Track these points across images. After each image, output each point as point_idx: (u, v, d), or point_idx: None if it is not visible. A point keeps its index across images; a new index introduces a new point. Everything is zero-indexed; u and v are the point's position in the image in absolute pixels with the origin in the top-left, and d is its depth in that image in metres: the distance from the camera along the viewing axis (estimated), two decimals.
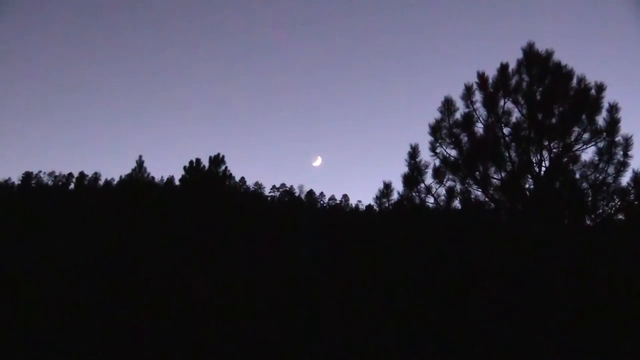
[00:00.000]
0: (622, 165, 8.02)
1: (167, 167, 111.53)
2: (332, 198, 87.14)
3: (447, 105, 9.19)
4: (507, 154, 8.56)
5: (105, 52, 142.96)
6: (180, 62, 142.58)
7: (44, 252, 15.18)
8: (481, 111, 8.96)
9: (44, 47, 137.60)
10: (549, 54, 8.69)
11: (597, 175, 8.10)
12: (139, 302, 12.95)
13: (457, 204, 8.76)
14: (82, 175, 72.13)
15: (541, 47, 8.74)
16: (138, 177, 17.42)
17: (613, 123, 8.21)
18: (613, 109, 8.25)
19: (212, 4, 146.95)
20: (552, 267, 7.68)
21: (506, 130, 8.71)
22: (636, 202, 7.85)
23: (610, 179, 8.05)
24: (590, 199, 8.09)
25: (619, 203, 7.96)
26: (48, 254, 14.93)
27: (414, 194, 9.06)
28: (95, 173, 70.17)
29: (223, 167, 17.72)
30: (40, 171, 75.25)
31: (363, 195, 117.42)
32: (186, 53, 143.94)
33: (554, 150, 8.41)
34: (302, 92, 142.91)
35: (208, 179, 17.29)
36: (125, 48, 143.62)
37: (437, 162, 9.10)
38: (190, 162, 17.78)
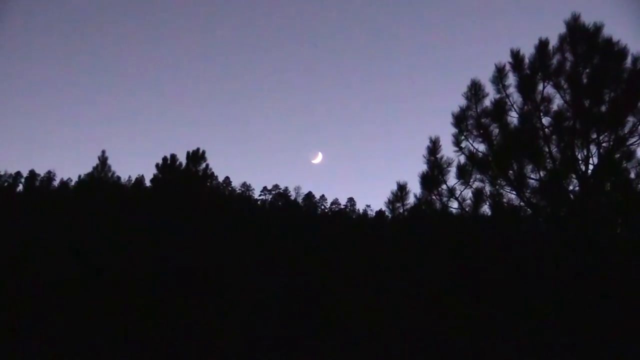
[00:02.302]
0: None
1: (136, 165, 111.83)
2: (336, 202, 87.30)
3: (475, 90, 9.21)
4: (546, 149, 8.57)
5: (61, 36, 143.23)
6: (154, 47, 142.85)
7: None
8: (515, 97, 9.00)
9: None
10: (598, 28, 8.70)
11: None
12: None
13: (486, 209, 8.78)
14: (32, 174, 72.18)
15: (588, 19, 8.77)
16: (101, 176, 17.45)
17: None
18: None
19: None
20: (603, 284, 7.69)
21: (546, 120, 8.74)
22: None
23: None
24: None
25: None
26: None
27: (434, 197, 9.07)
28: (49, 172, 70.21)
29: (204, 165, 17.78)
30: None
31: (373, 199, 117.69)
32: (159, 37, 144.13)
33: (604, 144, 8.42)
34: (299, 79, 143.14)
35: (185, 178, 17.31)
36: (84, 30, 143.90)
37: (462, 159, 9.13)
38: (164, 159, 17.82)
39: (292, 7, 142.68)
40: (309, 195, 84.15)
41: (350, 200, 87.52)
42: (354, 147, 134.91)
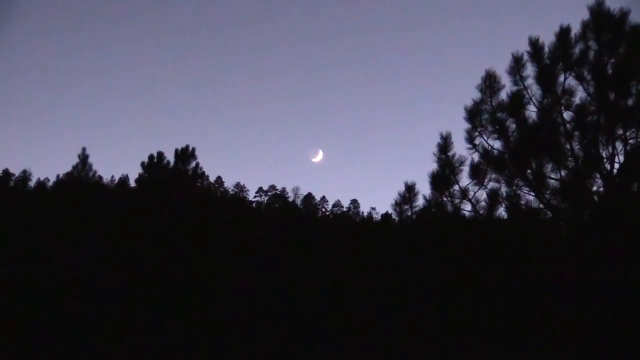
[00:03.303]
0: None
1: (119, 164, 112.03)
2: (338, 204, 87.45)
3: (490, 82, 9.23)
4: (568, 146, 8.59)
5: (36, 29, 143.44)
6: (139, 39, 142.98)
7: None
8: (534, 89, 9.02)
9: None
10: (624, 14, 8.71)
11: None
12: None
13: (502, 211, 8.80)
14: (6, 173, 72.30)
15: (613, 5, 8.77)
16: (81, 176, 17.49)
17: None
18: None
19: None
20: (631, 292, 7.70)
21: (567, 115, 8.75)
22: None
23: None
24: None
25: None
26: None
27: (445, 198, 9.09)
28: (24, 171, 70.31)
29: (194, 164, 17.82)
30: None
31: (378, 201, 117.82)
32: (146, 29, 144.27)
33: (631, 140, 8.44)
34: (297, 71, 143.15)
35: (174, 178, 17.34)
36: (60, 24, 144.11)
37: (476, 157, 9.16)
38: (150, 157, 17.86)
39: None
40: (309, 197, 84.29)
41: (354, 202, 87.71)
42: (358, 144, 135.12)
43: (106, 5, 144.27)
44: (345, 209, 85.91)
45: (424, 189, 9.30)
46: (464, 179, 9.09)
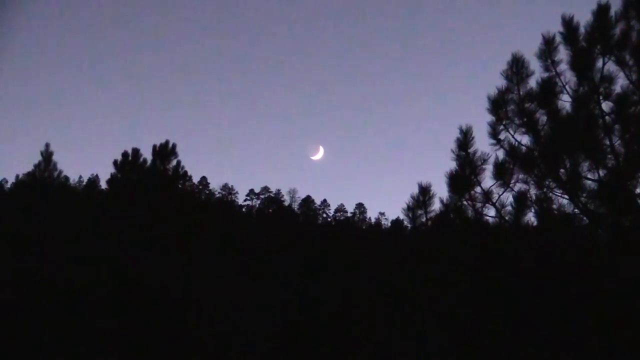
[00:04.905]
0: None
1: (89, 163, 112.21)
2: (341, 209, 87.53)
3: (517, 68, 9.25)
4: (607, 142, 8.61)
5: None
6: (117, 26, 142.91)
7: None
8: (568, 76, 9.04)
9: None
10: None
11: None
12: None
13: (531, 217, 8.81)
14: None
15: None
16: (44, 176, 17.52)
17: None
18: None
19: None
20: None
21: (606, 106, 8.77)
22: None
23: None
24: None
25: None
26: None
27: (465, 202, 9.11)
28: None
29: (174, 162, 17.85)
30: None
31: (387, 205, 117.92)
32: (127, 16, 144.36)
33: None
34: (294, 59, 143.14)
35: (151, 178, 17.35)
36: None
37: (501, 154, 9.17)
38: (125, 155, 17.88)
39: None
40: (308, 200, 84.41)
41: (360, 206, 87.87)
42: (364, 139, 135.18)
43: None
44: (349, 214, 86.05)
45: (441, 192, 9.33)
46: (487, 180, 9.13)
